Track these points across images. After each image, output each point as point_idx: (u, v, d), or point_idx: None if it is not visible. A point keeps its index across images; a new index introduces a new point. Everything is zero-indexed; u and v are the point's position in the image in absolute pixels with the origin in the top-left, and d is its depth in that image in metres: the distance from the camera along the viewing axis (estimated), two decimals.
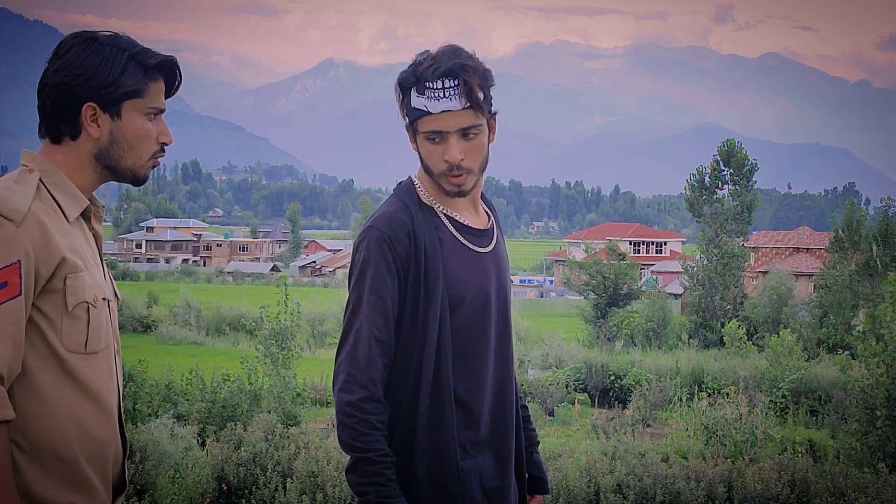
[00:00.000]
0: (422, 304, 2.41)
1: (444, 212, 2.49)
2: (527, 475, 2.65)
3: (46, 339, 2.10)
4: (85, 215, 2.24)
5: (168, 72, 2.29)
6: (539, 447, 2.74)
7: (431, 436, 2.40)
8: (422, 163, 2.48)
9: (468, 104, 2.38)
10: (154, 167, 2.31)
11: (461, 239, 2.47)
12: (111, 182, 2.32)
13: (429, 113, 2.40)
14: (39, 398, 2.09)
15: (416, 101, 2.41)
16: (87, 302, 2.14)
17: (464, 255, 2.47)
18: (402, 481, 2.39)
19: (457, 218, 2.49)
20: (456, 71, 2.37)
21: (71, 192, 2.19)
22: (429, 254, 2.41)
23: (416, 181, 2.52)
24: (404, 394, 2.42)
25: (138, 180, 2.29)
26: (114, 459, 2.23)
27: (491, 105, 2.45)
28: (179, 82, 2.32)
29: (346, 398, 2.35)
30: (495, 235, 2.57)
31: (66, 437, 2.11)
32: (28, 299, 2.07)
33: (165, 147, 2.29)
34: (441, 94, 2.37)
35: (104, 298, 2.20)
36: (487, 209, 2.63)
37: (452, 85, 2.37)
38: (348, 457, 2.37)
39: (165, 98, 2.31)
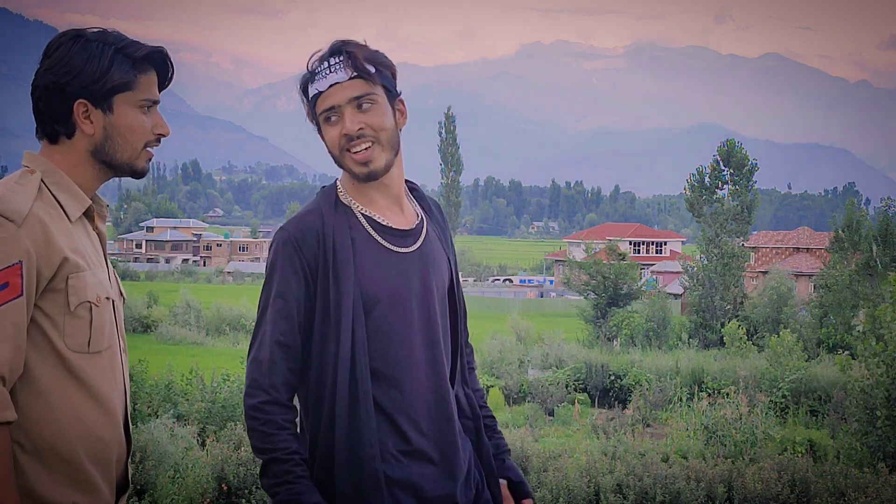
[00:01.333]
0: (333, 306, 2.34)
1: (362, 211, 2.43)
2: (505, 481, 2.56)
3: (49, 339, 2.10)
4: (88, 215, 2.24)
5: (159, 63, 2.28)
6: (510, 455, 2.64)
7: (350, 444, 2.32)
8: (331, 154, 2.46)
9: (355, 73, 2.36)
10: (149, 159, 2.30)
11: (378, 238, 2.40)
12: (111, 182, 2.32)
13: (321, 93, 2.40)
14: (42, 398, 2.08)
15: (311, 90, 2.42)
16: (89, 301, 2.14)
17: (379, 254, 2.39)
18: (326, 490, 2.32)
19: (375, 217, 2.42)
20: (339, 47, 2.38)
21: (73, 192, 2.19)
22: (338, 254, 2.35)
23: (339, 182, 2.50)
24: (323, 401, 2.35)
25: (137, 173, 2.28)
26: (117, 459, 2.23)
27: (392, 84, 2.43)
28: (172, 73, 2.32)
29: (249, 402, 2.32)
30: (423, 235, 2.47)
31: (69, 437, 2.10)
32: (30, 300, 2.06)
33: (162, 138, 2.29)
34: (328, 72, 2.38)
35: (107, 298, 2.20)
36: (425, 210, 2.55)
37: (338, 60, 2.38)
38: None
39: (160, 90, 2.30)
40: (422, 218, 2.51)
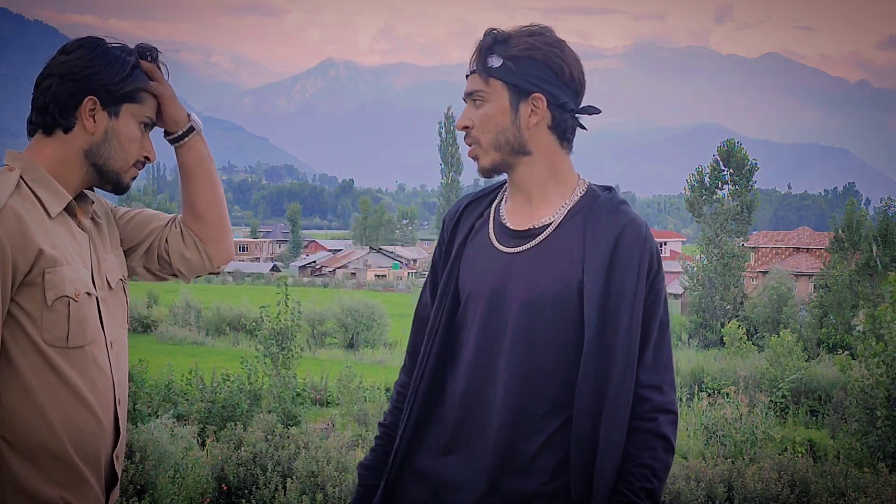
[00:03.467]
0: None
1: (498, 204, 2.38)
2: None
3: (28, 334, 2.10)
4: (70, 212, 2.24)
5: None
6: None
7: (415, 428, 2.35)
8: None
9: (473, 69, 2.28)
10: (134, 177, 2.33)
11: (490, 233, 2.32)
12: None
13: None
14: (27, 394, 2.08)
15: None
16: (67, 296, 2.13)
17: (483, 249, 2.31)
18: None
19: (501, 213, 2.35)
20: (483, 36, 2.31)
21: (53, 189, 2.19)
22: (455, 239, 2.38)
23: None
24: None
25: (121, 186, 2.30)
26: (104, 454, 2.23)
27: (527, 79, 2.24)
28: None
29: None
30: (541, 239, 2.26)
31: (56, 432, 2.10)
32: (5, 293, 2.06)
33: (148, 162, 2.32)
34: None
35: (88, 293, 2.19)
36: (585, 220, 2.26)
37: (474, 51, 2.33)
38: (349, 456, 2.41)
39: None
40: (549, 223, 2.27)
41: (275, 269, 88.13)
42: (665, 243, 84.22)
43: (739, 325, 26.41)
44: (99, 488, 2.21)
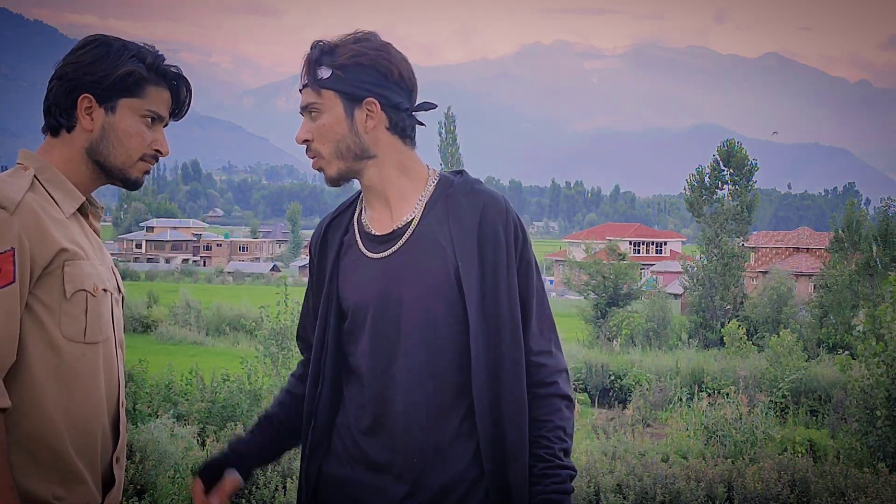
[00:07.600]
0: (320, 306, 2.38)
1: (360, 213, 2.39)
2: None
3: (45, 327, 2.09)
4: (83, 212, 2.25)
5: (174, 86, 2.30)
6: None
7: (306, 435, 2.38)
8: None
9: (305, 83, 2.30)
10: (146, 172, 2.31)
11: (359, 243, 2.34)
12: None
13: None
14: (32, 387, 2.07)
15: None
16: (85, 290, 2.14)
17: (357, 260, 2.33)
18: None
19: (364, 220, 2.36)
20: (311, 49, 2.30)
21: (67, 189, 2.20)
22: (326, 256, 2.38)
23: None
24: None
25: (129, 182, 2.28)
26: (103, 454, 2.23)
27: (358, 86, 2.25)
28: (187, 102, 2.34)
29: None
30: (405, 239, 2.28)
31: (57, 428, 2.10)
32: (23, 288, 2.06)
33: (159, 155, 2.30)
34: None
35: (105, 290, 2.20)
36: (446, 209, 2.30)
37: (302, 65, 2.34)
38: None
39: (174, 118, 2.33)
40: (411, 220, 2.30)
41: (275, 269, 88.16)
42: (665, 243, 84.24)
43: (739, 325, 26.45)
44: (96, 488, 2.20)
